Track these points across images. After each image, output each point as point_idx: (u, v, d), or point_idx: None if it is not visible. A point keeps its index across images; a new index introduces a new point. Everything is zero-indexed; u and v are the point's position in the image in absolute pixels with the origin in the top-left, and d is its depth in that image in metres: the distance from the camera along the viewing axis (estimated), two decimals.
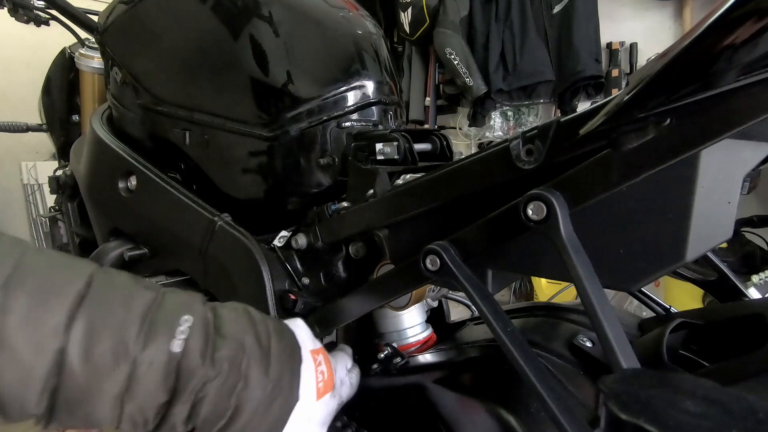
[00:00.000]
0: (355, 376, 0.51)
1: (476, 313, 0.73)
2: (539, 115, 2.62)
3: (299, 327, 0.45)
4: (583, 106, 1.70)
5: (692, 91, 0.27)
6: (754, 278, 1.32)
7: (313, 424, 0.41)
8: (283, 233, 0.60)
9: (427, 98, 2.73)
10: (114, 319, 0.32)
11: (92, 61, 1.14)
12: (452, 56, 2.40)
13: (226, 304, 0.40)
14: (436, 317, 0.73)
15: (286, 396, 0.38)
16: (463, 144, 2.79)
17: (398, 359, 0.56)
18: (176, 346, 0.33)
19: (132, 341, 0.32)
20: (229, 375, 0.35)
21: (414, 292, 0.53)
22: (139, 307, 0.34)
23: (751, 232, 1.49)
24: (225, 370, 0.34)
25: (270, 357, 0.38)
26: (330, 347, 0.62)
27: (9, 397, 0.29)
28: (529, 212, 0.35)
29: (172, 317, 0.34)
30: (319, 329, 0.56)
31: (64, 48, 1.25)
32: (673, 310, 0.60)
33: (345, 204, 0.56)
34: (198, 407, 0.34)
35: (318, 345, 0.45)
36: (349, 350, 0.55)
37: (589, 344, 0.49)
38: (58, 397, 0.31)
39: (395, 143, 0.55)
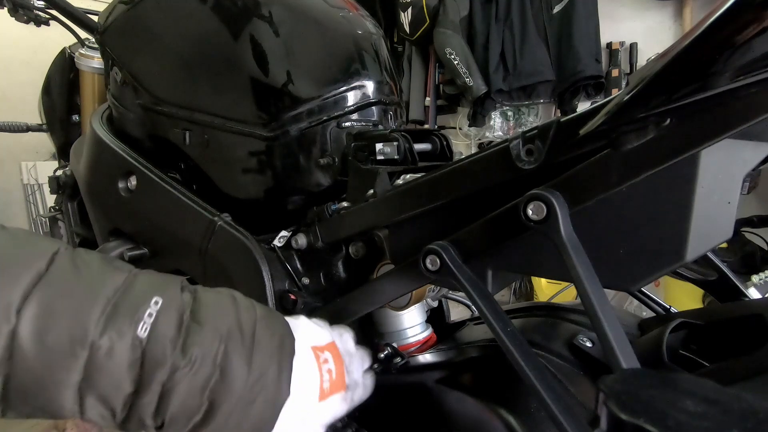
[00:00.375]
0: (369, 378, 0.47)
1: (476, 313, 0.73)
2: (539, 115, 2.62)
3: (300, 323, 0.41)
4: (583, 106, 1.70)
5: (692, 91, 0.27)
6: (754, 278, 1.32)
7: (310, 425, 0.37)
8: (283, 233, 0.60)
9: (427, 98, 2.73)
10: (74, 301, 0.29)
11: (92, 61, 1.14)
12: (452, 56, 2.40)
13: (212, 288, 0.37)
14: (436, 317, 0.73)
15: (272, 392, 0.34)
16: (463, 144, 2.79)
17: (398, 359, 0.56)
18: (142, 330, 0.30)
19: (92, 325, 0.29)
20: (201, 366, 0.31)
21: (414, 292, 0.53)
22: (105, 288, 0.30)
23: (751, 232, 1.49)
24: (198, 360, 0.31)
25: (253, 347, 0.34)
26: None
27: None
28: (529, 212, 0.35)
29: (140, 299, 0.31)
30: None
31: (64, 48, 1.25)
32: (673, 310, 0.60)
33: (345, 204, 0.56)
34: (166, 400, 0.30)
35: (326, 341, 0.41)
36: (368, 350, 0.51)
37: (589, 344, 0.49)
38: (11, 385, 0.28)
39: (395, 143, 0.55)
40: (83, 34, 1.11)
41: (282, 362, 0.35)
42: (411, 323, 0.61)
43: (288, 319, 0.41)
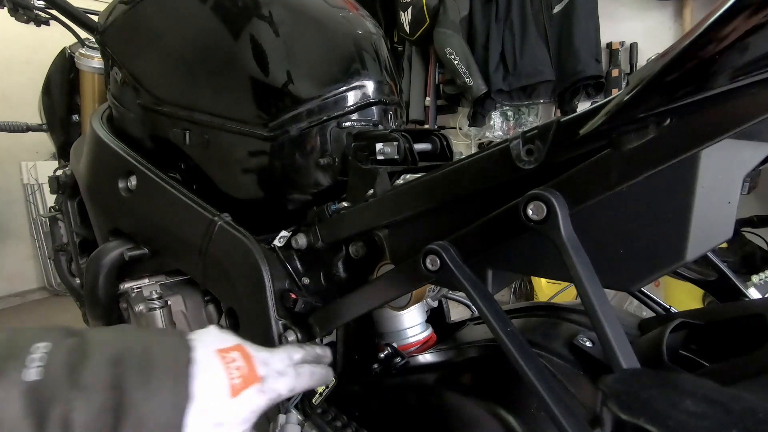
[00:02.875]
0: (308, 368, 0.48)
1: (476, 313, 0.73)
2: (539, 115, 2.62)
3: (204, 332, 0.43)
4: (583, 106, 1.70)
5: (692, 91, 0.27)
6: (754, 278, 1.32)
7: (228, 426, 0.39)
8: (283, 233, 0.60)
9: (427, 98, 2.73)
10: None
11: (92, 61, 1.14)
12: (452, 56, 2.40)
13: (98, 328, 0.39)
14: (436, 317, 0.73)
15: (171, 400, 0.36)
16: (463, 144, 2.79)
17: (398, 359, 0.56)
18: (32, 374, 0.32)
19: None
20: (98, 392, 0.33)
21: (414, 292, 0.53)
22: None
23: (751, 232, 1.49)
24: (92, 389, 0.33)
25: (147, 364, 0.36)
26: (330, 347, 0.62)
27: None
28: (529, 212, 0.35)
29: (22, 348, 0.33)
30: (318, 329, 0.56)
31: (64, 48, 1.25)
32: (673, 310, 0.60)
33: (345, 204, 0.56)
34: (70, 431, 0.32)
35: (230, 343, 0.43)
36: (315, 348, 0.52)
37: (589, 344, 0.49)
38: None
39: (395, 143, 0.55)
40: (83, 34, 1.11)
41: (177, 371, 0.37)
42: (411, 323, 0.62)
43: (195, 332, 0.43)
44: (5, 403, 0.30)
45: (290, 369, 0.46)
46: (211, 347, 0.41)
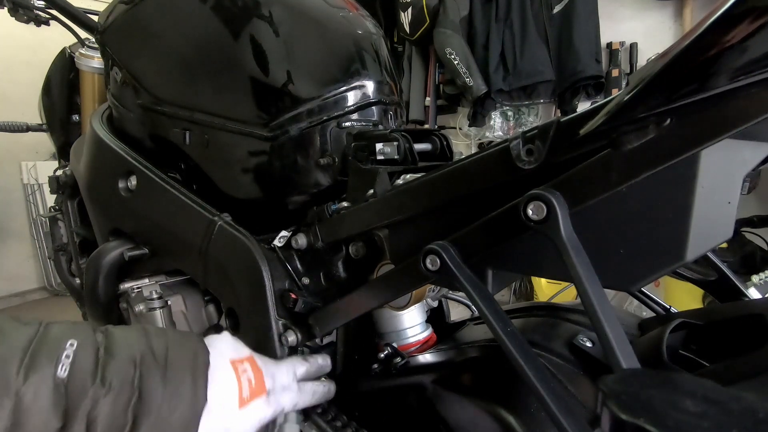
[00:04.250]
0: (311, 386, 0.50)
1: (476, 313, 0.73)
2: (539, 115, 2.62)
3: (220, 339, 0.45)
4: (583, 106, 1.70)
5: (692, 91, 0.27)
6: (754, 278, 1.32)
7: None
8: (283, 233, 0.60)
9: (427, 98, 2.73)
10: None
11: (92, 61, 1.14)
12: (452, 56, 2.40)
13: (122, 326, 0.41)
14: (436, 317, 0.73)
15: (189, 401, 0.37)
16: (463, 144, 2.79)
17: (398, 359, 0.56)
18: (61, 370, 0.33)
19: (13, 375, 0.32)
20: (121, 390, 0.35)
21: (414, 292, 0.53)
22: (19, 341, 0.34)
23: (751, 232, 1.49)
24: (116, 387, 0.35)
25: (167, 365, 0.38)
26: (330, 347, 0.62)
27: None
28: (529, 212, 0.35)
29: (54, 344, 0.35)
30: (318, 329, 0.56)
31: (64, 48, 1.25)
32: (673, 310, 0.60)
33: (345, 204, 0.56)
34: (93, 426, 0.34)
35: (244, 354, 0.44)
36: (317, 358, 0.54)
37: (589, 344, 0.49)
38: None
39: (395, 143, 0.55)
40: (83, 34, 1.11)
41: (196, 374, 0.39)
42: (411, 323, 0.62)
43: (211, 336, 0.44)
44: (37, 396, 0.32)
45: (294, 384, 0.48)
46: (227, 356, 0.43)
